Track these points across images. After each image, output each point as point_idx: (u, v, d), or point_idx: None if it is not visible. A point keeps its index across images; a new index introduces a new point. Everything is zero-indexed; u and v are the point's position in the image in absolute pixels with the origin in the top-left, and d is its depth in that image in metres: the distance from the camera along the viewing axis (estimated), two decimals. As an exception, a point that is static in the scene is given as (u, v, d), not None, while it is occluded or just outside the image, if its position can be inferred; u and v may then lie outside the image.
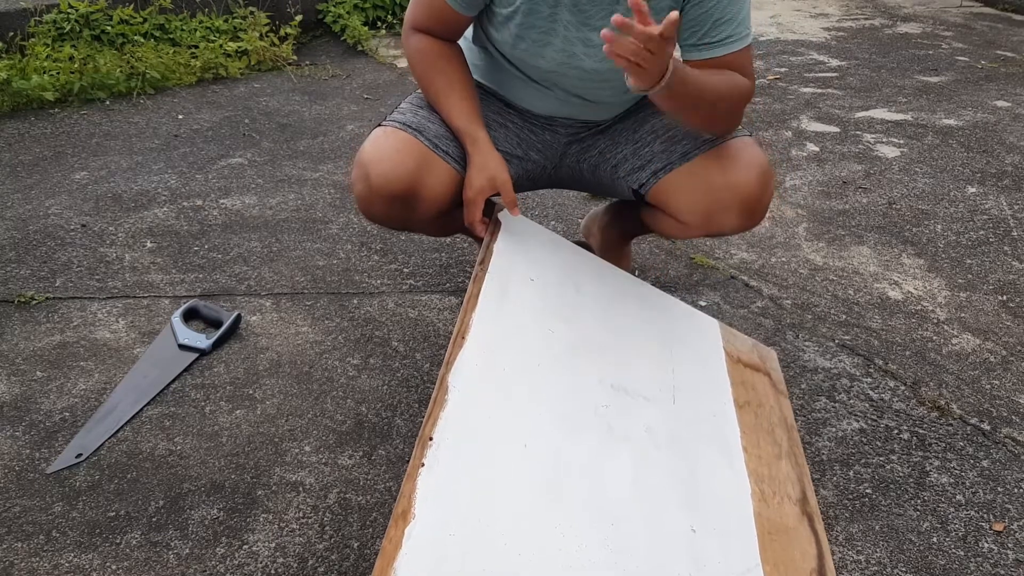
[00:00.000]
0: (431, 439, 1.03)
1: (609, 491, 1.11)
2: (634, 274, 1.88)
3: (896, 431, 1.52)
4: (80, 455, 1.41)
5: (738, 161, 1.46)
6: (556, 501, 1.05)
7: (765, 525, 1.18)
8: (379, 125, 1.52)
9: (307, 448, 1.45)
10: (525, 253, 1.45)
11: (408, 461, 1.38)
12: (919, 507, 1.36)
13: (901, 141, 2.76)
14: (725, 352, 1.51)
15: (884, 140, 2.77)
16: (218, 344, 1.68)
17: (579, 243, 1.97)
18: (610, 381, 1.30)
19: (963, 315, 1.86)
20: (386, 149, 1.46)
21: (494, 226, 1.51)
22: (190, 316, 1.75)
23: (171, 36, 3.25)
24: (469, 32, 1.57)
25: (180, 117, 2.82)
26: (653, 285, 1.90)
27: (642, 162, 1.56)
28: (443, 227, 1.64)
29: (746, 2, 1.40)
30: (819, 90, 3.23)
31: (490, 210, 1.52)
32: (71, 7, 3.05)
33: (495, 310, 1.30)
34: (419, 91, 1.62)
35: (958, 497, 1.38)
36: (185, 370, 1.62)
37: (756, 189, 1.47)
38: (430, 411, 1.08)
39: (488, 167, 1.45)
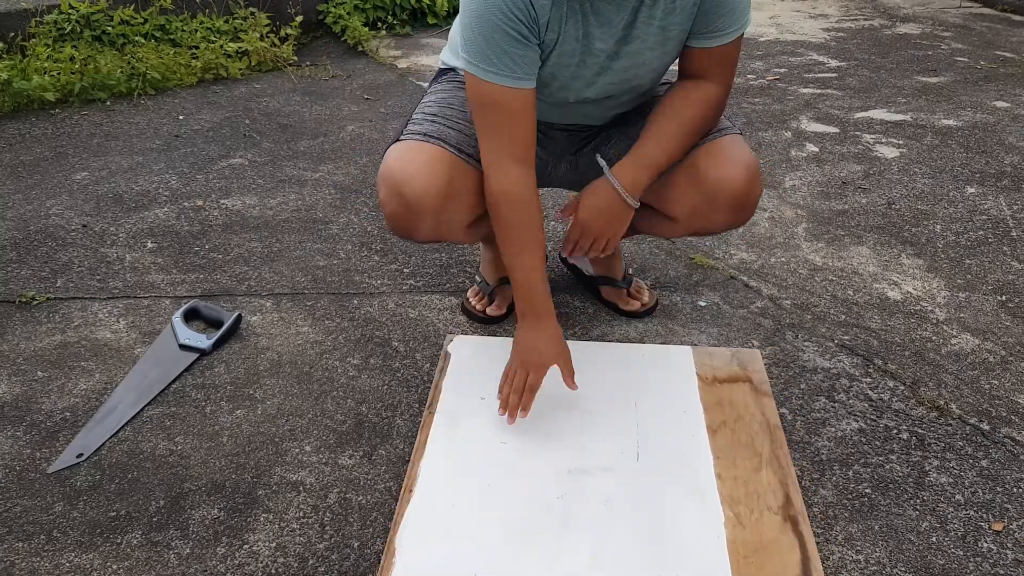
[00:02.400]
0: None
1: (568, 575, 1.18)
2: (630, 274, 1.88)
3: (895, 431, 1.52)
4: (81, 455, 1.41)
5: (725, 158, 1.48)
6: None
7: (740, 550, 1.23)
8: (397, 140, 1.49)
9: (307, 448, 1.45)
10: (475, 374, 1.53)
11: (408, 461, 1.39)
12: (918, 507, 1.36)
13: (900, 141, 2.77)
14: (698, 377, 1.58)
15: (883, 140, 2.77)
16: (219, 344, 1.68)
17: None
18: (568, 467, 1.37)
19: (962, 315, 1.86)
20: (417, 164, 1.43)
21: (443, 362, 1.60)
22: (191, 316, 1.76)
23: (172, 37, 3.25)
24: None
25: (181, 118, 2.82)
26: (652, 286, 1.91)
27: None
28: (475, 232, 1.61)
29: None
30: (818, 91, 3.23)
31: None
32: (72, 8, 3.05)
33: (444, 450, 1.39)
34: (425, 98, 1.61)
35: (957, 497, 1.38)
36: (186, 370, 1.62)
37: (743, 185, 1.48)
38: (379, 574, 1.17)
39: (557, 341, 1.43)
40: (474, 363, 1.57)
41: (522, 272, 1.41)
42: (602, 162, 1.47)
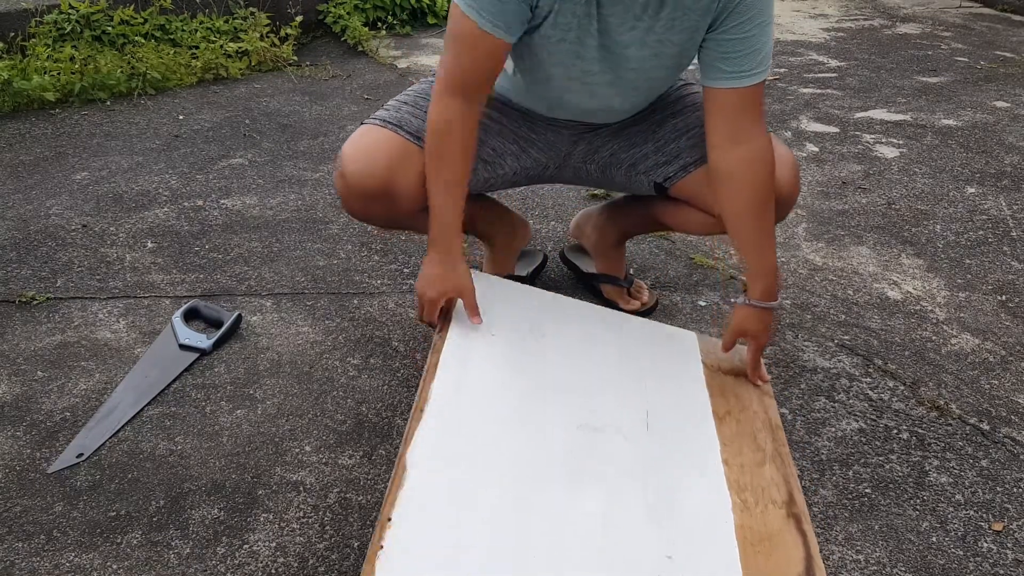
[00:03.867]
0: (389, 520, 1.04)
1: (580, 537, 1.12)
2: (630, 274, 1.89)
3: (895, 431, 1.52)
4: (81, 455, 1.41)
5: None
6: (524, 559, 1.06)
7: (748, 536, 1.19)
8: (362, 123, 1.52)
9: (307, 448, 1.45)
10: (488, 310, 1.47)
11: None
12: (918, 507, 1.36)
13: (900, 141, 2.77)
14: (704, 364, 1.53)
15: (883, 140, 2.77)
16: (219, 344, 1.68)
17: (573, 247, 1.98)
18: (578, 422, 1.31)
19: (962, 315, 1.87)
20: (362, 147, 1.46)
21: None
22: (191, 316, 1.76)
23: (172, 37, 3.25)
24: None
25: (181, 117, 2.83)
26: (652, 286, 1.91)
27: (668, 157, 1.57)
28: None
29: (771, 35, 1.40)
30: (818, 90, 3.23)
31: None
32: (72, 8, 3.05)
33: (455, 376, 1.32)
34: (409, 88, 1.62)
35: (957, 497, 1.38)
36: (186, 370, 1.62)
37: (789, 184, 1.51)
38: (389, 491, 1.09)
39: (457, 274, 1.41)
40: (486, 299, 1.48)
41: (436, 201, 1.41)
42: (737, 300, 1.53)
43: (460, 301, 1.42)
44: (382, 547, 0.99)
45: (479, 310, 1.41)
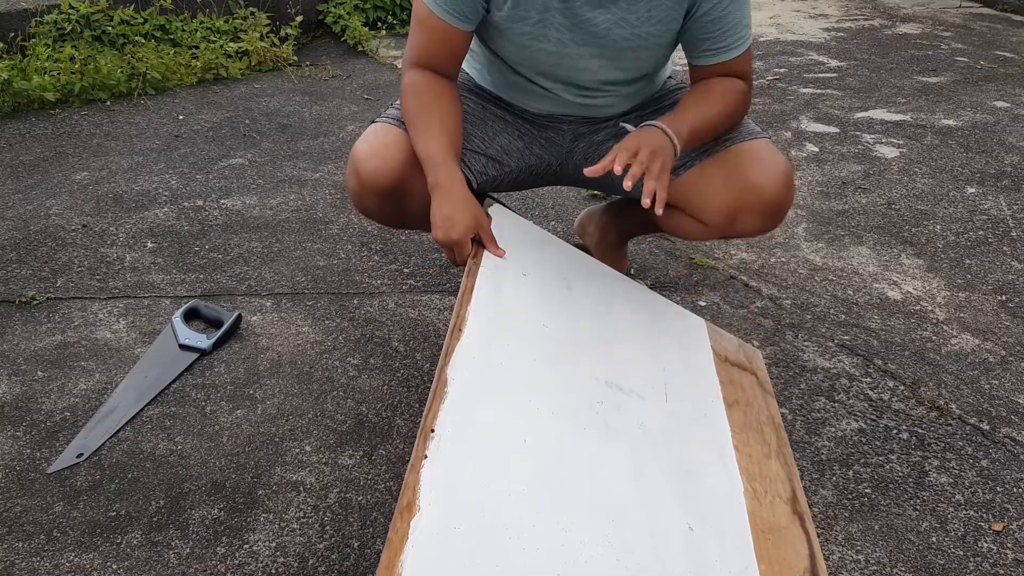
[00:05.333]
0: (432, 431, 1.03)
1: (610, 487, 1.10)
2: (631, 275, 1.89)
3: (895, 431, 1.52)
4: (81, 455, 1.41)
5: (762, 163, 1.46)
6: (558, 496, 1.05)
7: (759, 523, 1.18)
8: (373, 122, 1.53)
9: (307, 448, 1.45)
10: (517, 248, 1.44)
11: (409, 460, 1.39)
12: (918, 507, 1.36)
13: (900, 141, 2.77)
14: (713, 351, 1.51)
15: (883, 140, 2.77)
16: (219, 344, 1.68)
17: (575, 246, 1.97)
18: (604, 378, 1.29)
19: (962, 315, 1.87)
20: (376, 145, 1.47)
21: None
22: (191, 316, 1.76)
23: (172, 37, 3.25)
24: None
25: (181, 118, 2.82)
26: (652, 286, 1.91)
27: None
28: None
29: (748, 5, 1.43)
30: (818, 91, 3.23)
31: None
32: (72, 8, 3.05)
33: (490, 304, 1.29)
34: None
35: (957, 497, 1.38)
36: (186, 370, 1.62)
37: (781, 192, 1.46)
38: (430, 403, 1.08)
39: (471, 206, 1.36)
40: (513, 238, 1.46)
41: (425, 145, 1.39)
42: (629, 126, 1.45)
43: None
44: (426, 456, 0.99)
45: (497, 242, 1.39)
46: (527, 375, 1.21)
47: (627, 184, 1.30)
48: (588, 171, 1.33)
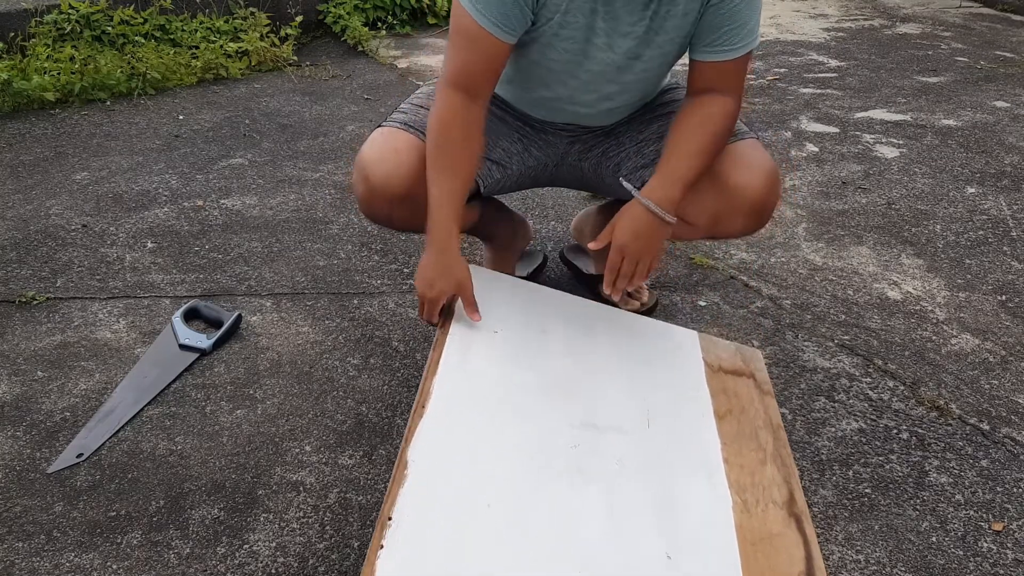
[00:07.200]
0: (390, 519, 1.03)
1: (581, 534, 1.12)
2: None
3: (895, 431, 1.52)
4: (81, 455, 1.41)
5: (746, 164, 1.46)
6: (522, 556, 1.06)
7: (748, 536, 1.19)
8: (379, 126, 1.52)
9: (307, 448, 1.45)
10: (489, 306, 1.46)
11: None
12: (918, 507, 1.36)
13: (900, 141, 2.77)
14: (705, 363, 1.53)
15: (883, 140, 2.77)
16: (219, 344, 1.68)
17: (573, 247, 1.98)
18: (579, 420, 1.31)
19: (962, 315, 1.87)
20: (386, 150, 1.45)
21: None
22: (191, 316, 1.76)
23: (172, 37, 3.25)
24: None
25: (181, 118, 2.82)
26: (652, 286, 1.91)
27: (646, 160, 1.56)
28: None
29: (760, 8, 1.41)
30: (818, 91, 3.23)
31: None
32: (72, 8, 3.05)
33: (457, 373, 1.31)
34: (419, 90, 1.62)
35: (957, 497, 1.38)
36: (186, 370, 1.62)
37: (764, 192, 1.46)
38: (389, 490, 1.09)
39: (455, 271, 1.38)
40: (487, 295, 1.47)
41: (435, 197, 1.39)
42: (629, 186, 1.45)
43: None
44: (383, 546, 0.99)
45: (478, 307, 1.40)
46: (494, 441, 1.22)
47: (615, 297, 1.48)
48: (591, 245, 1.49)
